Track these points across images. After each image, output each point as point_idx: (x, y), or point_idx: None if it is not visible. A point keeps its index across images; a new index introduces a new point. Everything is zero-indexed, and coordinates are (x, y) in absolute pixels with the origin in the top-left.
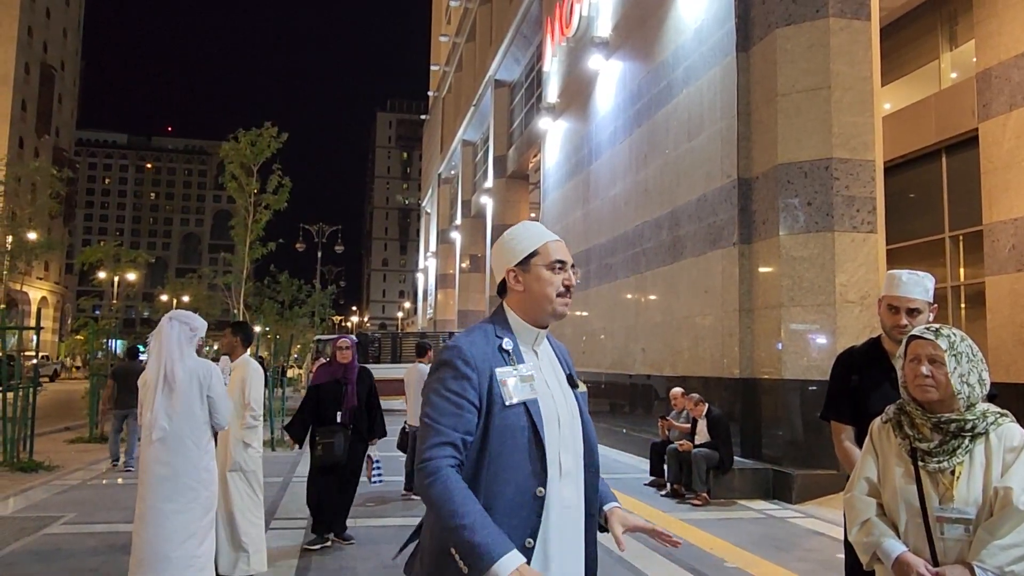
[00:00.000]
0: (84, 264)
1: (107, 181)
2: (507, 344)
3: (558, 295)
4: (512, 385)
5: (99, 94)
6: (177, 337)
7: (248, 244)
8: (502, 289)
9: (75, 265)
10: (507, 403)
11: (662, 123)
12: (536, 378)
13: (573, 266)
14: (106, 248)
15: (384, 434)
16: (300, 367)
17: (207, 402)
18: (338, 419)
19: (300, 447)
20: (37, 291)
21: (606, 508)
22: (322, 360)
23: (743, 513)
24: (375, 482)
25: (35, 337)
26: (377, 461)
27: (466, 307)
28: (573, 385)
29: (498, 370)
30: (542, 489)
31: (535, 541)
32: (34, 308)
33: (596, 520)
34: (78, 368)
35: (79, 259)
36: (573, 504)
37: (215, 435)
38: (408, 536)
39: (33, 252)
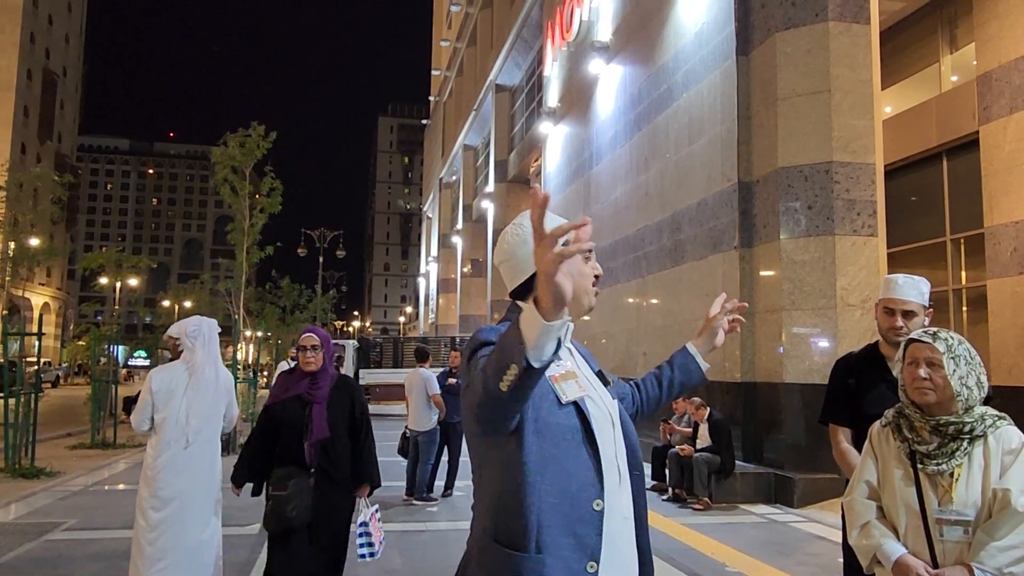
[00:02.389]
0: (86, 270)
1: (109, 187)
2: None
3: (592, 286)
4: (562, 381)
5: (101, 100)
6: (216, 343)
7: (246, 248)
8: (524, 288)
9: (77, 271)
10: (563, 401)
11: (662, 127)
12: (578, 375)
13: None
14: (108, 254)
15: (376, 479)
16: None
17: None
18: (306, 458)
19: (252, 493)
20: (39, 297)
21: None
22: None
23: (744, 517)
24: (362, 556)
25: (37, 343)
26: (363, 523)
27: (468, 311)
28: (604, 382)
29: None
30: (600, 502)
31: (598, 566)
32: (36, 314)
33: (645, 525)
34: (77, 373)
35: (81, 265)
36: (628, 513)
37: None
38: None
39: (35, 258)
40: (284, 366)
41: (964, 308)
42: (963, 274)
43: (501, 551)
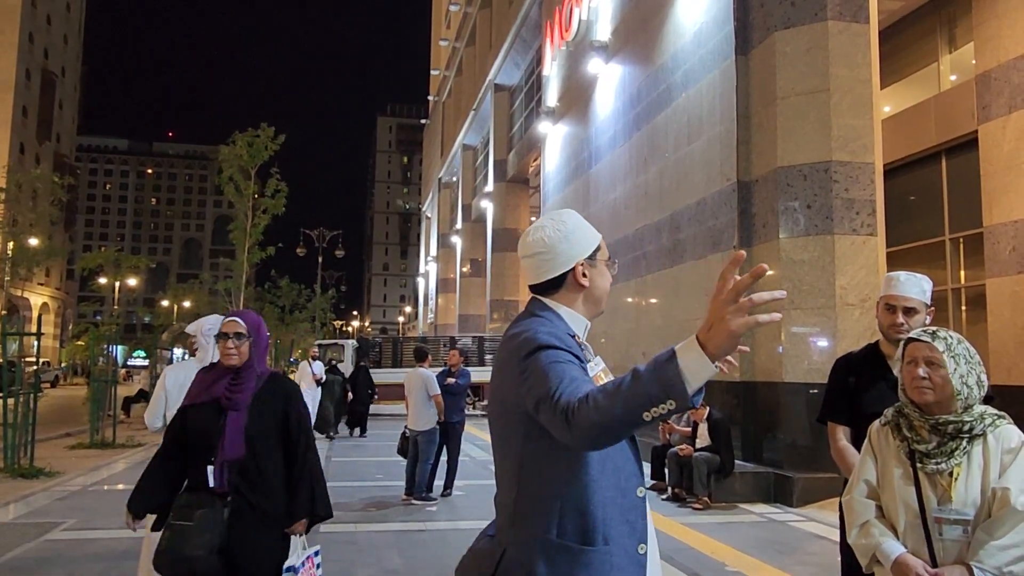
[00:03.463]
0: (85, 270)
1: (108, 187)
2: (576, 337)
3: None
4: (604, 378)
5: (100, 100)
6: None
7: (247, 249)
8: (553, 284)
9: (76, 271)
10: None
11: (662, 127)
12: (609, 375)
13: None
14: (107, 254)
15: (313, 511)
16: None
17: None
18: (209, 481)
19: (153, 527)
20: (38, 297)
21: None
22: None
23: (744, 517)
24: None
25: (36, 343)
26: (289, 569)
27: (467, 311)
28: None
29: (586, 365)
30: (642, 489)
31: (647, 547)
32: (35, 314)
33: None
34: (78, 373)
35: (80, 265)
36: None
37: None
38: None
39: (34, 258)
40: (306, 367)
41: (963, 307)
42: (962, 273)
43: (571, 548)
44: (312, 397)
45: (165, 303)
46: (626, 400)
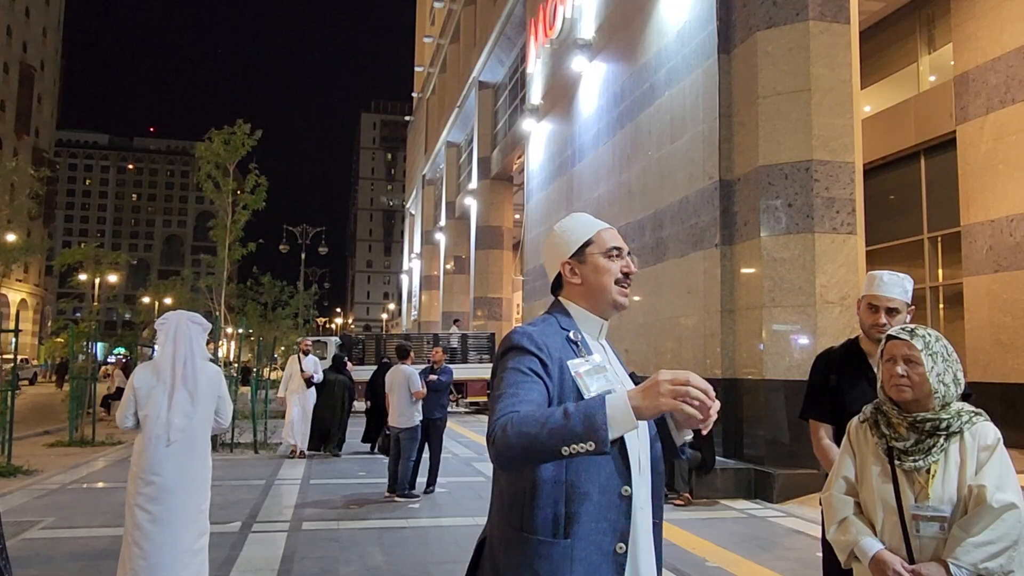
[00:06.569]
0: (64, 266)
1: (88, 182)
2: (574, 335)
3: (616, 283)
4: (587, 376)
5: (80, 94)
6: (196, 337)
7: (228, 245)
8: (557, 285)
9: (55, 267)
10: (586, 396)
11: (645, 125)
12: (608, 370)
13: (629, 253)
14: (87, 250)
15: None
16: (282, 368)
17: (216, 402)
18: None
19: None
20: (16, 293)
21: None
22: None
23: (725, 513)
24: None
25: (14, 340)
26: None
27: (450, 308)
28: (636, 382)
29: (570, 362)
30: (628, 488)
31: (627, 546)
32: (13, 311)
33: (661, 522)
34: (64, 371)
35: (59, 261)
36: (646, 505)
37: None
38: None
39: (12, 254)
40: (295, 364)
41: (941, 305)
42: (940, 272)
43: (531, 539)
44: (301, 402)
45: (146, 300)
46: (551, 432)
